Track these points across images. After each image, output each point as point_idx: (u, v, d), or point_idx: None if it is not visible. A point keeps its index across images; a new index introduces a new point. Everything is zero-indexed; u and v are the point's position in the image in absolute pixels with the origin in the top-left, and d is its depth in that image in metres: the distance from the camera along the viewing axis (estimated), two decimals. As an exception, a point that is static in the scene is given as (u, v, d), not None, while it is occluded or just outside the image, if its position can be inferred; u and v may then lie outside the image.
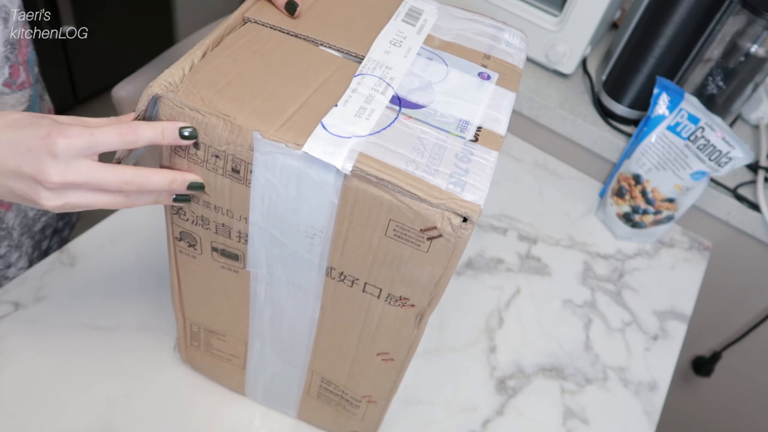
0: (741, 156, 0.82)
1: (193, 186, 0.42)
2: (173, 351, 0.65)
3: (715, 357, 1.11)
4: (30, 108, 0.63)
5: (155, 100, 0.39)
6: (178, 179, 0.41)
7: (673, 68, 0.92)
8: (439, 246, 0.39)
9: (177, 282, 0.54)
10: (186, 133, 0.39)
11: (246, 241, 0.46)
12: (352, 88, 0.42)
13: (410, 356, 0.50)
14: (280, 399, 0.61)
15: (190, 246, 0.49)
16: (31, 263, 0.75)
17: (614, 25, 1.15)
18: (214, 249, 0.48)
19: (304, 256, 0.44)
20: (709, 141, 0.83)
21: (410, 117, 0.42)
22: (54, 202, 0.39)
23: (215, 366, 0.62)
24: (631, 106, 0.97)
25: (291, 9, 0.47)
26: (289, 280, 0.47)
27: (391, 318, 0.46)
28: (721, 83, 0.90)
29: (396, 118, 0.41)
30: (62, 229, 0.82)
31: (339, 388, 0.56)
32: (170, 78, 0.39)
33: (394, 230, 0.39)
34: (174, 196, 0.43)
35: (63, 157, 0.38)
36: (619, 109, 0.98)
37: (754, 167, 0.96)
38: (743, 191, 0.93)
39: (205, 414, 0.61)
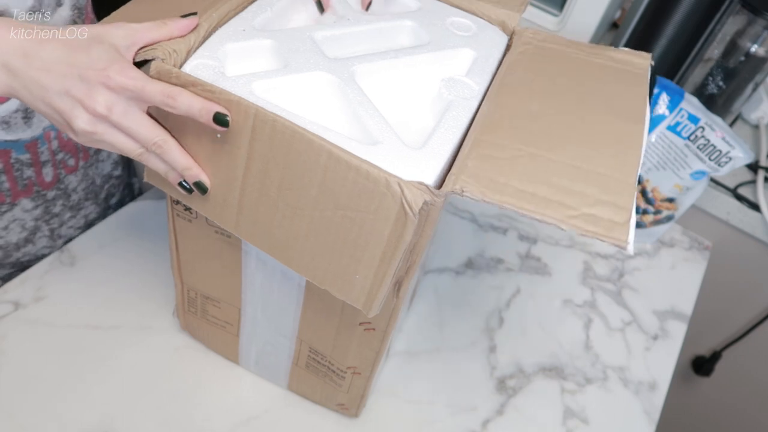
0: (741, 156, 0.82)
1: (218, 117, 0.40)
2: (172, 316, 0.66)
3: (715, 357, 1.11)
4: None
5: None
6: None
7: (673, 68, 0.92)
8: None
9: (175, 246, 0.55)
10: (219, 118, 0.40)
11: None
12: None
13: (391, 325, 0.50)
14: (271, 369, 0.62)
15: (186, 209, 0.50)
16: (90, 225, 0.75)
17: (614, 25, 1.15)
18: None
19: None
20: (709, 141, 0.83)
21: None
22: (86, 126, 0.40)
23: (211, 333, 0.63)
24: (631, 105, 0.97)
25: None
26: None
27: None
28: (721, 83, 0.90)
29: None
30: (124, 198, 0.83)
31: (326, 358, 0.56)
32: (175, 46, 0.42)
33: None
34: (180, 181, 0.44)
35: (114, 92, 0.40)
36: (619, 108, 0.98)
37: (754, 167, 0.96)
38: (743, 191, 0.93)
39: (206, 413, 0.61)
